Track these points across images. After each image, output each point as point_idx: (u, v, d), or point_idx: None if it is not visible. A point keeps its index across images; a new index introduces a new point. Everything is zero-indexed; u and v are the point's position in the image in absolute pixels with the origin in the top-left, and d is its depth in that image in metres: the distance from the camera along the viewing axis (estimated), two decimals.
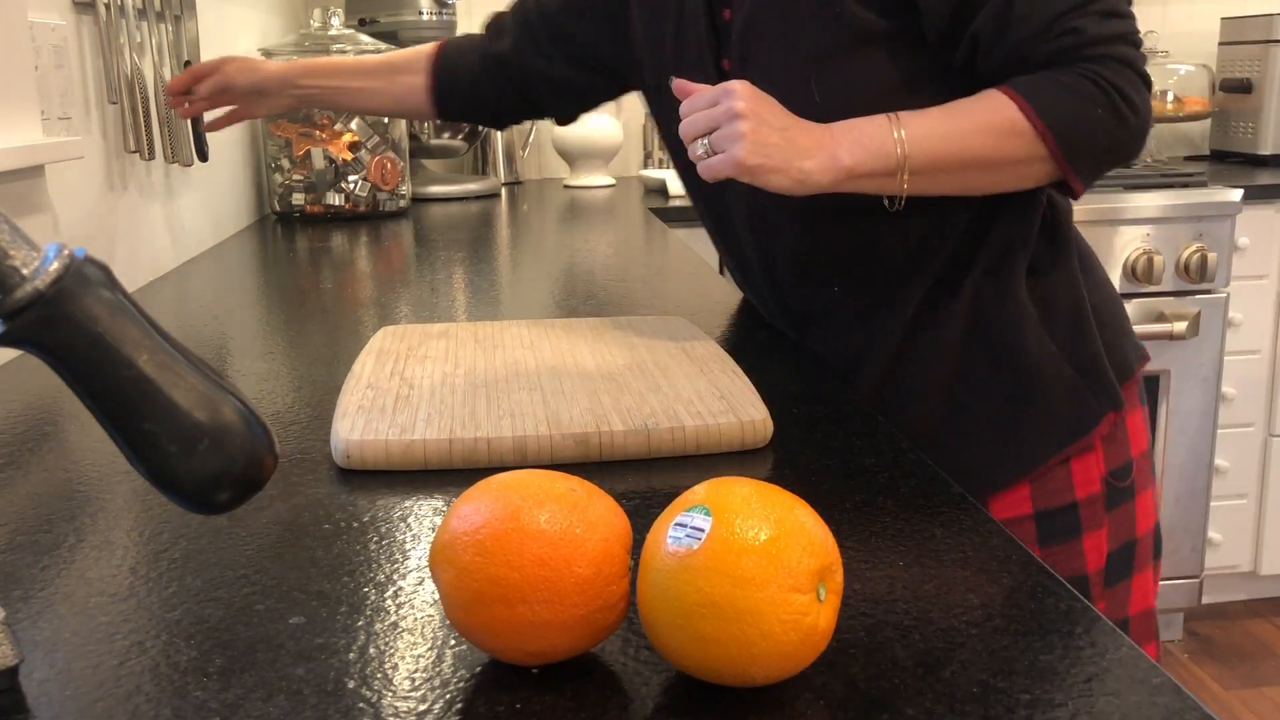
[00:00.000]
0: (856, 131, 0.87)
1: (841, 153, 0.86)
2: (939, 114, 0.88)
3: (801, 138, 0.86)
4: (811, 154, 0.85)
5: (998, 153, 0.87)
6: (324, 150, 1.97)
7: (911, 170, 0.87)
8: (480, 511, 0.48)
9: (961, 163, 0.87)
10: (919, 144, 0.86)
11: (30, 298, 0.41)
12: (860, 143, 0.86)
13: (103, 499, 0.70)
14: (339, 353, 1.04)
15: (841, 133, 0.87)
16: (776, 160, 0.84)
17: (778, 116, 0.86)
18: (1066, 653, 0.49)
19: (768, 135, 0.84)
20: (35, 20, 1.11)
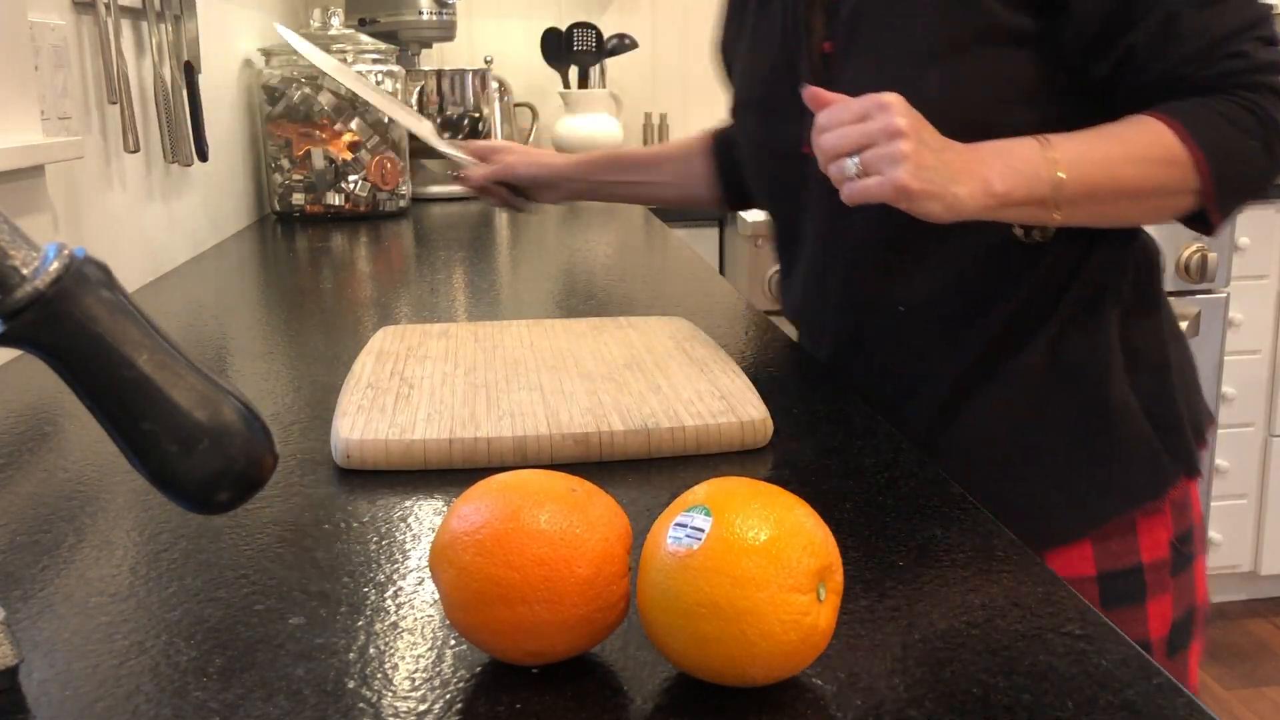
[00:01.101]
0: (1007, 155, 0.80)
1: (994, 178, 0.78)
2: (1091, 138, 0.81)
3: (954, 160, 0.78)
4: (963, 179, 0.77)
5: (1150, 183, 0.81)
6: (324, 150, 1.97)
7: (1066, 200, 0.80)
8: (480, 511, 0.48)
9: (1115, 193, 0.81)
10: (1075, 171, 0.79)
11: (30, 298, 0.41)
12: (1013, 167, 0.79)
13: (103, 499, 0.70)
14: (339, 353, 1.04)
15: (991, 156, 0.79)
16: (935, 185, 0.76)
17: (934, 136, 0.78)
18: (1067, 653, 0.49)
19: (926, 157, 0.76)
20: (35, 20, 1.11)
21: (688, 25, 2.67)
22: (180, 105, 1.50)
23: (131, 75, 1.36)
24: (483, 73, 2.32)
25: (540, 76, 2.59)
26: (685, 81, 2.69)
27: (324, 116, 1.96)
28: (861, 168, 0.76)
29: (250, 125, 2.03)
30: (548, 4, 2.62)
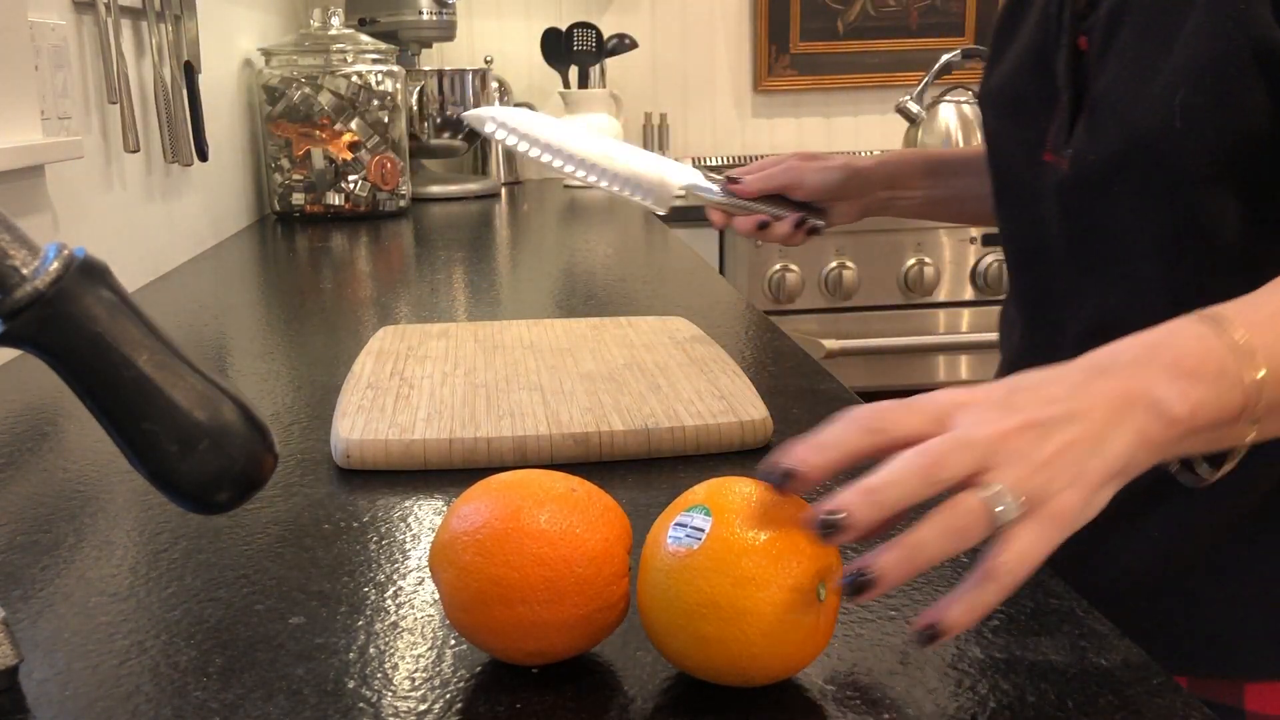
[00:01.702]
0: (1168, 351, 0.50)
1: (1166, 394, 0.48)
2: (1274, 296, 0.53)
3: (1091, 406, 0.47)
4: (1124, 416, 0.47)
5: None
6: (324, 150, 1.97)
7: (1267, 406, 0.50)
8: (480, 511, 0.48)
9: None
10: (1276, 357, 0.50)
11: (30, 298, 0.41)
12: (1186, 370, 0.49)
13: (103, 499, 0.70)
14: (339, 353, 1.04)
15: (1148, 357, 0.50)
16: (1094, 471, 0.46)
17: (1041, 399, 0.47)
18: (1068, 653, 0.49)
19: (1056, 441, 0.46)
20: (35, 20, 1.11)
21: (688, 25, 2.67)
22: (180, 105, 1.50)
23: (131, 75, 1.36)
24: (483, 73, 2.32)
25: (540, 76, 2.60)
26: (685, 81, 2.69)
27: (324, 116, 1.96)
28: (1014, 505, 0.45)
29: (250, 125, 2.03)
30: (548, 4, 2.62)
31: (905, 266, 2.08)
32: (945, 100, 2.33)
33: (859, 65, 2.69)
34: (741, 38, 2.68)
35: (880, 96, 2.69)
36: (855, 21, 2.68)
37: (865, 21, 2.68)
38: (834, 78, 2.69)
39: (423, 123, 2.25)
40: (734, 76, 2.69)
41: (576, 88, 2.50)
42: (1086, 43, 0.76)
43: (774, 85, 2.68)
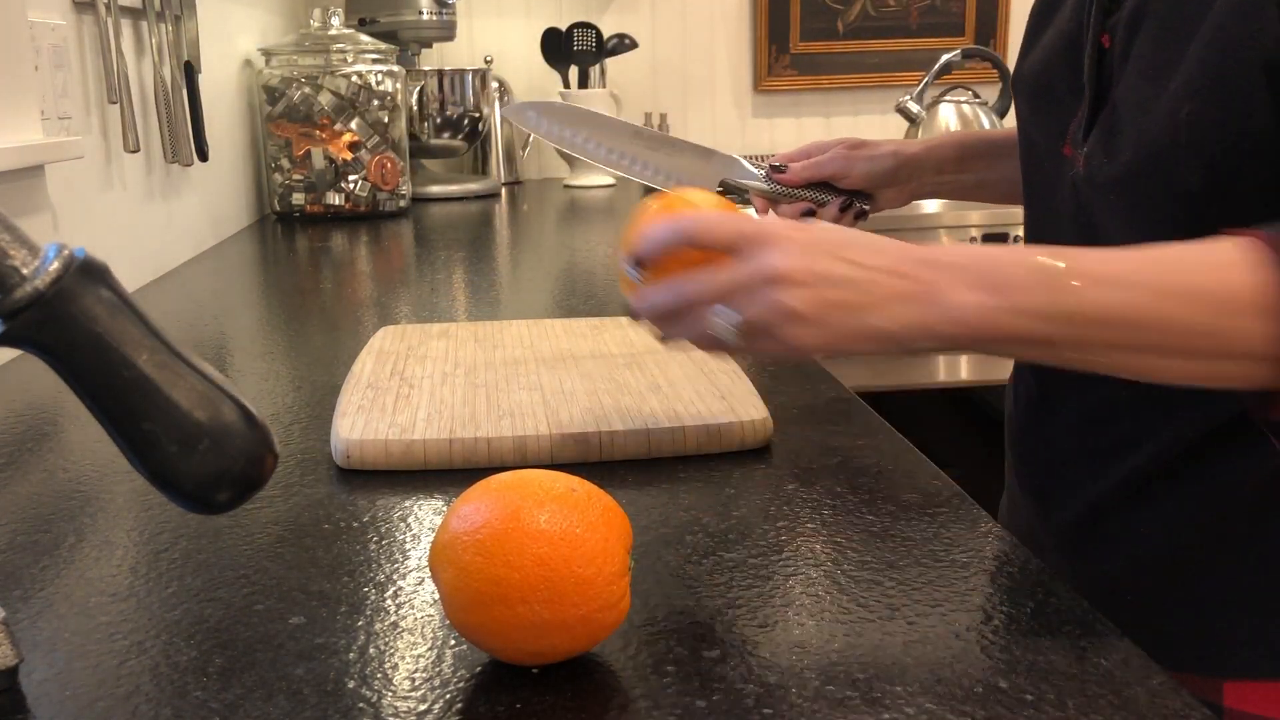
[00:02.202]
0: (993, 267, 0.57)
1: (956, 300, 0.56)
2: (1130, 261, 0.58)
3: (888, 281, 0.57)
4: (909, 301, 0.56)
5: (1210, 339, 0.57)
6: (324, 150, 1.97)
7: (1053, 341, 0.57)
8: (480, 511, 0.48)
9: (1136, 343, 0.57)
10: (1086, 308, 0.56)
11: (30, 298, 0.41)
12: (996, 285, 0.56)
13: (103, 499, 0.70)
14: (339, 353, 1.04)
15: (964, 265, 0.57)
16: (852, 326, 0.57)
17: (848, 260, 0.57)
18: (1068, 652, 0.49)
19: (829, 294, 0.56)
20: (35, 20, 1.11)
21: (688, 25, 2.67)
22: (180, 105, 1.50)
23: (131, 75, 1.36)
24: (483, 73, 2.32)
25: (540, 76, 2.59)
26: (685, 81, 2.69)
27: (324, 116, 1.96)
28: (737, 326, 0.58)
29: (250, 125, 2.03)
30: (548, 4, 2.62)
31: None
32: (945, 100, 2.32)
33: (859, 65, 2.69)
34: (741, 38, 2.68)
35: (880, 96, 2.69)
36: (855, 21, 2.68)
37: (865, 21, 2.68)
38: (834, 78, 2.69)
39: (423, 123, 2.25)
40: (734, 76, 2.69)
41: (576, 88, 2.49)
42: (1109, 40, 0.75)
43: (774, 85, 2.68)
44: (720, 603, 0.55)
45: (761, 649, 0.50)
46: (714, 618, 0.53)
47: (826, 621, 0.53)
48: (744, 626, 0.52)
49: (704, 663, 0.49)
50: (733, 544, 0.61)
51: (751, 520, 0.64)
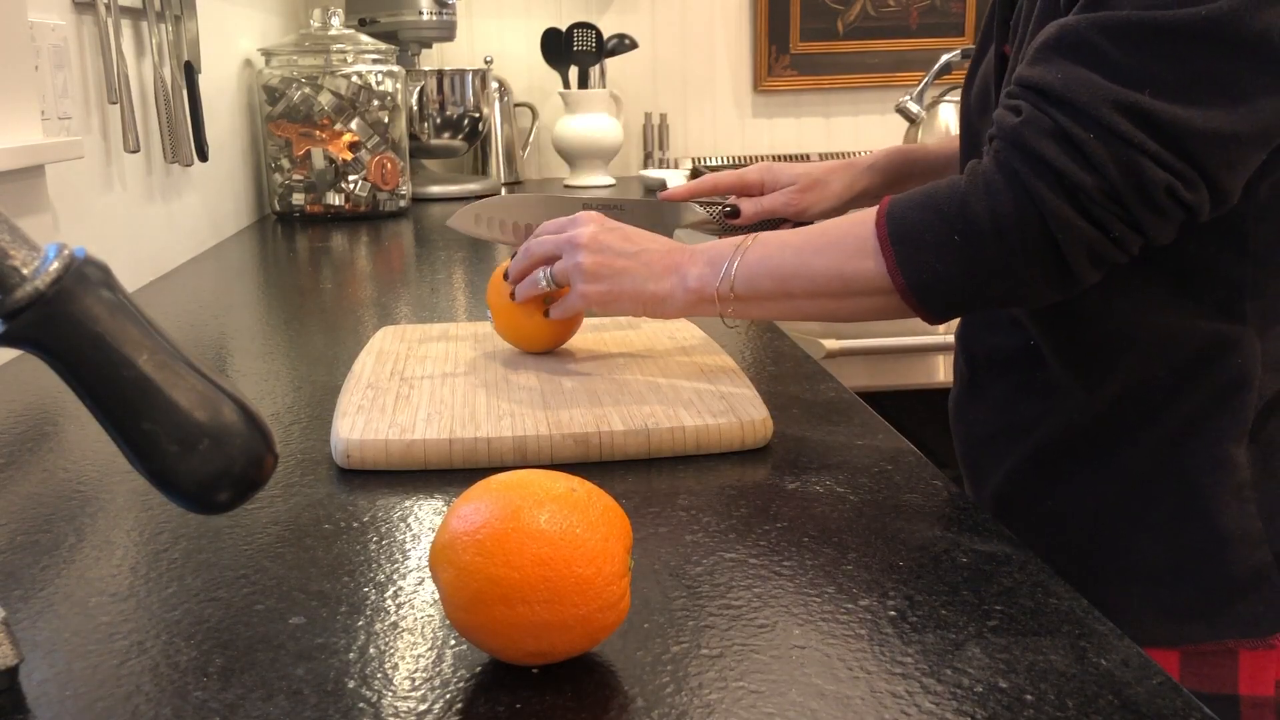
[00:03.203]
0: (713, 248, 0.79)
1: (692, 273, 0.79)
2: (800, 230, 0.78)
3: (654, 261, 0.80)
4: (663, 277, 0.79)
5: (840, 280, 0.73)
6: (324, 150, 1.97)
7: (736, 296, 0.77)
8: (480, 511, 0.48)
9: (788, 291, 0.76)
10: (750, 268, 0.76)
11: (30, 298, 0.41)
12: (710, 260, 0.78)
13: (103, 499, 0.70)
14: (339, 353, 1.04)
15: (701, 251, 0.80)
16: (626, 286, 0.80)
17: (629, 241, 0.81)
18: (1068, 652, 0.49)
19: (613, 261, 0.80)
20: (35, 20, 1.11)
21: (688, 25, 2.67)
22: (180, 105, 1.50)
23: (131, 75, 1.36)
24: (483, 73, 2.32)
25: (540, 76, 2.60)
26: (685, 81, 2.69)
27: (324, 116, 1.96)
28: (551, 278, 0.84)
29: (250, 125, 2.03)
30: (548, 4, 2.62)
31: None
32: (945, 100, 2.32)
33: (859, 65, 2.69)
34: (741, 38, 2.68)
35: (880, 96, 2.69)
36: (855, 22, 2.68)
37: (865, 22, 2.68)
38: (834, 78, 2.69)
39: (423, 123, 2.25)
40: (734, 76, 2.69)
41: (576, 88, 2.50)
42: (1009, 49, 0.83)
43: (774, 85, 2.68)
44: (720, 603, 0.55)
45: (761, 649, 0.50)
46: (714, 618, 0.53)
47: (826, 622, 0.53)
48: (744, 626, 0.52)
49: (704, 662, 0.49)
50: (733, 544, 0.61)
51: (751, 520, 0.64)
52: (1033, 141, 0.65)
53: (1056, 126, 0.65)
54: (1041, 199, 0.65)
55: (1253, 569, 0.76)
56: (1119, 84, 0.63)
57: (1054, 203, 0.65)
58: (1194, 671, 0.77)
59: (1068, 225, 0.65)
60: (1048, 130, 0.65)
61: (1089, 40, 0.65)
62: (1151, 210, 0.65)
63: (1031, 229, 0.66)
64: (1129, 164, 0.63)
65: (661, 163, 2.66)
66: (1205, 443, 0.76)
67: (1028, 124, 0.66)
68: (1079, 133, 0.64)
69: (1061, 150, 0.65)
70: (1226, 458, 0.75)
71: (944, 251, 0.68)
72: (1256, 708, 0.77)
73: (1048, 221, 0.65)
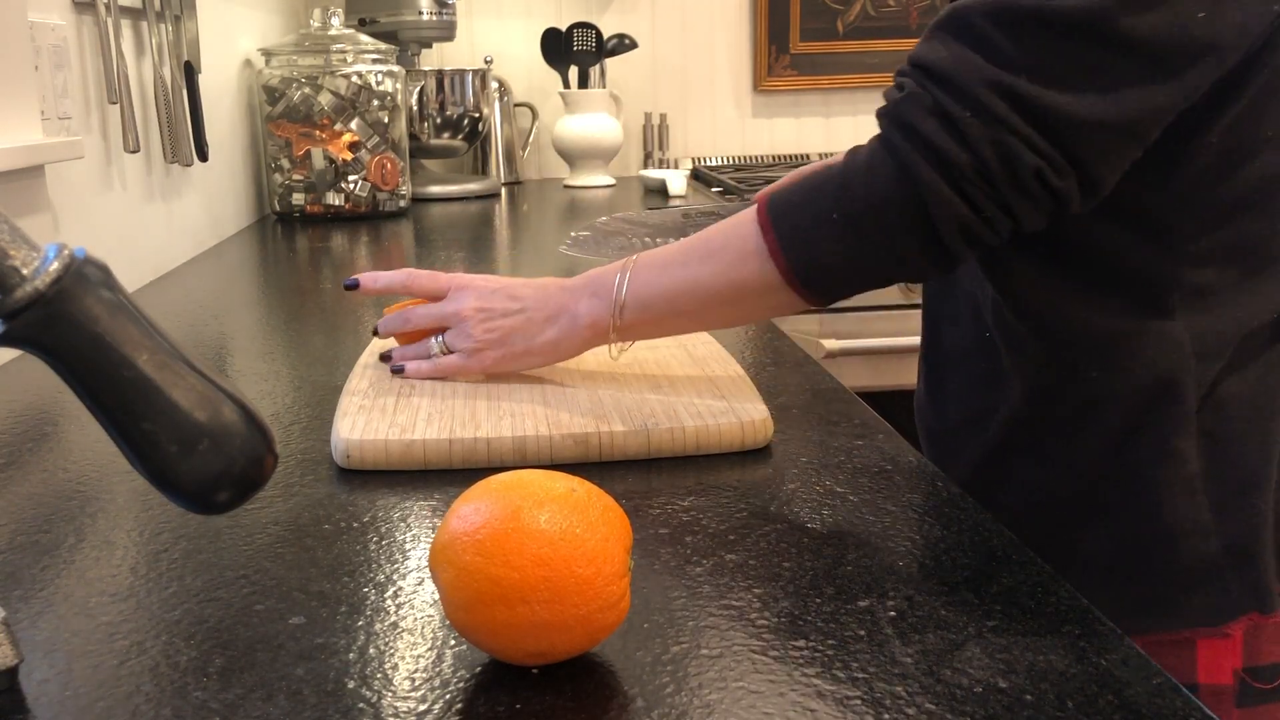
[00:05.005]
0: (599, 276, 0.79)
1: (581, 310, 0.79)
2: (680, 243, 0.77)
3: (540, 310, 0.80)
4: (554, 321, 0.80)
5: (730, 286, 0.73)
6: (324, 150, 1.97)
7: (630, 323, 0.78)
8: (480, 511, 0.48)
9: (680, 309, 0.76)
10: (639, 292, 0.76)
11: (30, 298, 0.41)
12: (597, 291, 0.78)
13: (103, 499, 0.70)
14: (339, 353, 1.04)
15: (584, 285, 0.80)
16: (519, 345, 0.81)
17: (513, 299, 0.82)
18: (1067, 652, 0.49)
19: (499, 323, 0.81)
20: (35, 20, 1.11)
21: (688, 25, 2.67)
22: (180, 105, 1.50)
23: (131, 75, 1.36)
24: (483, 73, 2.32)
25: (540, 76, 2.59)
26: (685, 81, 2.69)
27: (324, 116, 1.96)
28: (445, 346, 0.84)
29: (250, 125, 2.03)
30: (548, 4, 2.62)
31: None
32: None
33: (859, 65, 2.69)
34: (741, 38, 2.68)
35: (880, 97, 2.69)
36: (855, 21, 2.68)
37: (865, 21, 2.68)
38: (834, 78, 2.69)
39: (423, 123, 2.25)
40: (734, 76, 2.69)
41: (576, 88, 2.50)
42: None
43: (774, 85, 2.68)
44: (720, 603, 0.55)
45: (762, 649, 0.50)
46: (714, 618, 0.53)
47: (826, 622, 0.53)
48: (744, 627, 0.52)
49: (704, 662, 0.49)
50: (733, 544, 0.61)
51: (751, 520, 0.64)
52: (912, 117, 0.67)
53: (935, 104, 0.66)
54: (918, 173, 0.66)
55: (1205, 560, 0.77)
56: (998, 66, 0.65)
57: (929, 176, 0.66)
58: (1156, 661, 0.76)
59: (941, 200, 0.66)
60: (927, 107, 0.66)
61: (975, 24, 0.66)
62: (1020, 193, 0.66)
63: (908, 204, 0.67)
64: (1000, 144, 0.65)
65: (661, 163, 2.66)
66: (1150, 436, 0.76)
67: (909, 100, 0.68)
68: (956, 110, 0.65)
69: (939, 126, 0.66)
70: (1173, 450, 0.76)
71: (825, 230, 0.69)
72: (1215, 695, 0.78)
73: (922, 195, 0.66)
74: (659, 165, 2.66)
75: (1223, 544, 0.77)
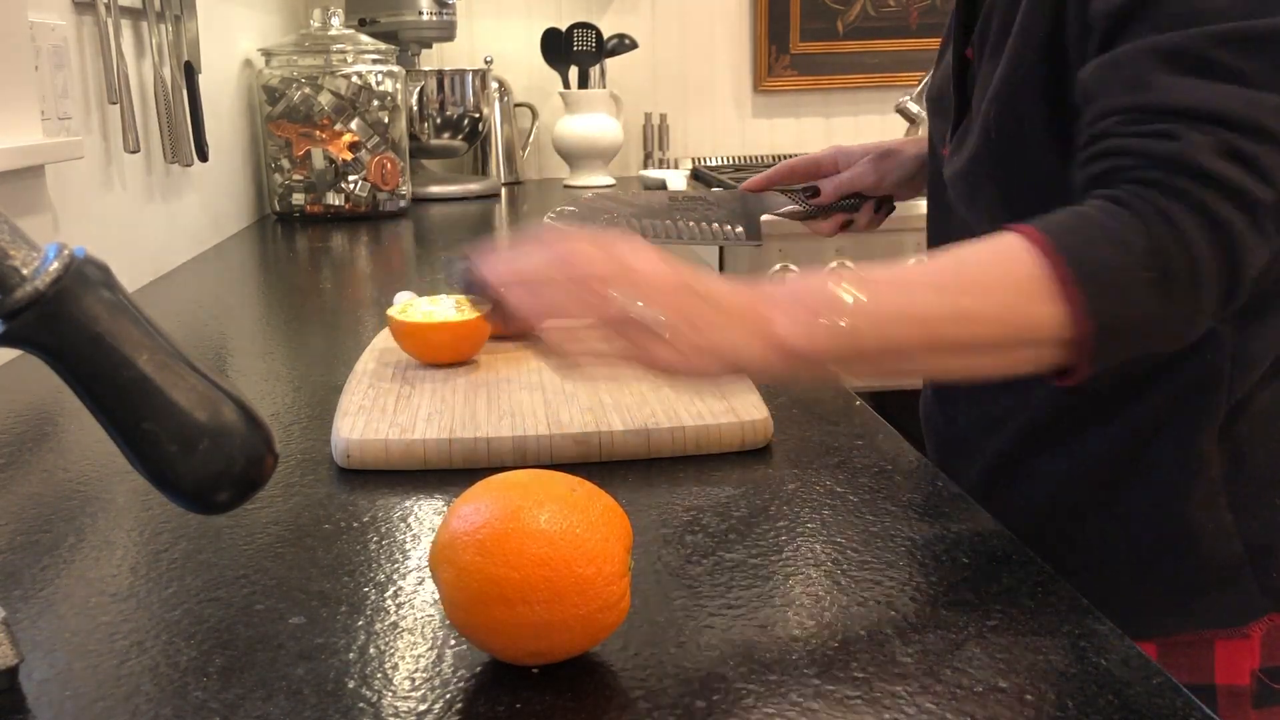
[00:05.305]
0: (797, 287, 0.60)
1: (775, 316, 0.57)
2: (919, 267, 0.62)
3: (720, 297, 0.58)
4: (741, 320, 0.57)
5: (1007, 327, 0.59)
6: (324, 150, 1.97)
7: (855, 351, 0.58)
8: (480, 512, 0.48)
9: (935, 343, 0.59)
10: (877, 311, 0.58)
11: (30, 298, 0.41)
12: (799, 300, 0.58)
13: (103, 499, 0.70)
14: (339, 353, 1.04)
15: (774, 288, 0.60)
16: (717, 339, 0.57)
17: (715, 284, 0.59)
18: (1067, 652, 0.49)
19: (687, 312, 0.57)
20: (35, 20, 1.11)
21: (688, 25, 2.67)
22: (180, 105, 1.50)
23: (131, 75, 1.36)
24: (483, 73, 2.32)
25: (540, 76, 2.59)
26: (685, 81, 2.69)
27: (324, 116, 1.96)
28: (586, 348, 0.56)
29: (250, 125, 2.03)
30: (548, 4, 2.62)
31: None
32: None
33: (859, 65, 2.69)
34: (741, 38, 2.68)
35: (880, 97, 2.69)
36: (855, 22, 2.68)
37: (865, 22, 2.68)
38: (834, 78, 2.69)
39: (423, 123, 2.25)
40: (734, 77, 2.69)
41: (576, 88, 2.49)
42: (972, 54, 0.83)
43: (774, 85, 2.68)
44: (720, 603, 0.55)
45: (762, 649, 0.50)
46: (714, 618, 0.53)
47: (826, 622, 0.53)
48: (744, 627, 0.52)
49: (704, 663, 0.49)
50: (733, 544, 0.61)
51: (751, 520, 0.64)
52: (1207, 163, 0.59)
53: (1222, 145, 0.59)
54: (1229, 223, 0.59)
55: (1226, 561, 0.76)
56: (1271, 92, 0.60)
57: (1240, 225, 0.59)
58: (1171, 662, 0.77)
59: (1248, 245, 0.60)
60: (1215, 149, 0.59)
61: (1212, 57, 0.61)
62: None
63: (1217, 253, 0.59)
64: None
65: (661, 163, 2.66)
66: (1175, 438, 0.75)
67: (1193, 147, 0.60)
68: (1250, 147, 0.59)
69: (1238, 168, 0.59)
70: (1197, 453, 0.75)
71: (1135, 293, 0.59)
72: (1233, 697, 0.77)
73: (1233, 241, 0.59)
74: (659, 165, 2.66)
75: (1243, 545, 0.76)
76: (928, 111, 0.94)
